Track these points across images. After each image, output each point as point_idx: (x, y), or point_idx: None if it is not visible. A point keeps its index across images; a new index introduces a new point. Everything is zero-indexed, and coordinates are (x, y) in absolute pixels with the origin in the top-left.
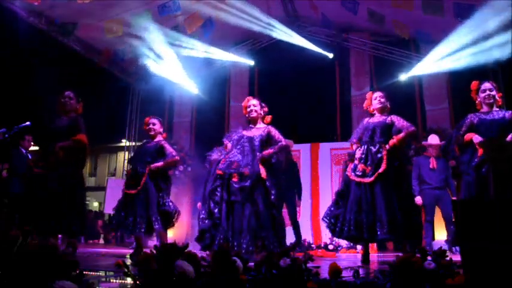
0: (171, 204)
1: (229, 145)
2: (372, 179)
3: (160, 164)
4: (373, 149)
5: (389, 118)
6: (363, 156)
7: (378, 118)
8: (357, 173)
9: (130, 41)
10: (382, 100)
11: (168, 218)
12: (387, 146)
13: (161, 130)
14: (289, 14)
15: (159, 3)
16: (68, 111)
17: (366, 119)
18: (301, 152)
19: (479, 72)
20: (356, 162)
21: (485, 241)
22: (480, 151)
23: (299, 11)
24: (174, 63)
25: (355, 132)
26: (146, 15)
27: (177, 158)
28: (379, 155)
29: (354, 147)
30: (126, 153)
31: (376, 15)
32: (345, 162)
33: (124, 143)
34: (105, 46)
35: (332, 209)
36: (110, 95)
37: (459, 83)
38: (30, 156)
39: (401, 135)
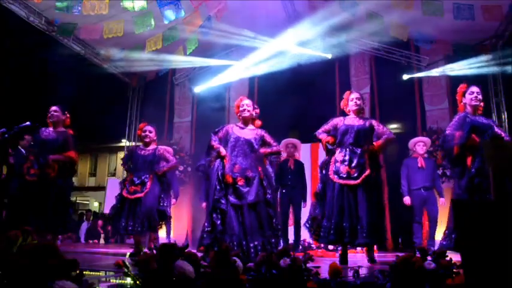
0: (168, 209)
1: (222, 149)
2: (358, 181)
3: (164, 168)
4: (358, 152)
5: (368, 122)
6: (346, 158)
7: (357, 121)
8: (341, 175)
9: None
10: (359, 102)
11: (162, 219)
12: (368, 151)
13: (155, 138)
14: (289, 14)
15: (161, 4)
16: (56, 123)
17: (340, 119)
18: (301, 152)
19: (479, 74)
20: (338, 164)
21: (485, 241)
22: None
23: (299, 11)
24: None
25: (325, 128)
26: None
27: (177, 163)
28: (362, 160)
29: (321, 136)
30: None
31: (375, 16)
32: (323, 163)
33: (124, 143)
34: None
35: (312, 212)
36: (110, 95)
37: (459, 83)
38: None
39: (381, 141)
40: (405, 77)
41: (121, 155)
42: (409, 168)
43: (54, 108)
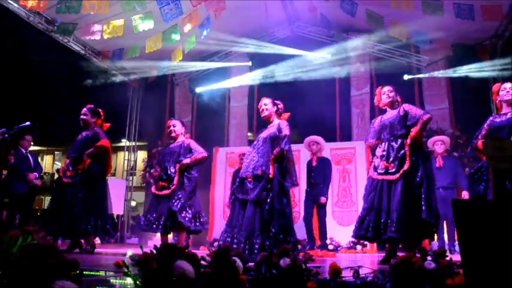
0: (195, 203)
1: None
2: (396, 176)
3: (188, 160)
4: (395, 145)
5: (401, 109)
6: (384, 153)
7: (391, 113)
8: (379, 170)
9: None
10: (391, 94)
11: (194, 217)
12: (408, 141)
13: (183, 131)
14: (289, 14)
15: (160, 4)
16: (88, 125)
17: (379, 117)
18: (301, 152)
19: (479, 75)
20: (378, 160)
21: (485, 241)
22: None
23: (299, 11)
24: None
25: (371, 132)
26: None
27: (206, 154)
28: (402, 151)
29: (371, 143)
30: (126, 153)
31: (374, 16)
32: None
33: (124, 143)
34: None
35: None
36: (110, 95)
37: (459, 83)
38: (30, 157)
39: (417, 127)
40: (405, 77)
41: (121, 155)
42: None
43: (83, 110)
